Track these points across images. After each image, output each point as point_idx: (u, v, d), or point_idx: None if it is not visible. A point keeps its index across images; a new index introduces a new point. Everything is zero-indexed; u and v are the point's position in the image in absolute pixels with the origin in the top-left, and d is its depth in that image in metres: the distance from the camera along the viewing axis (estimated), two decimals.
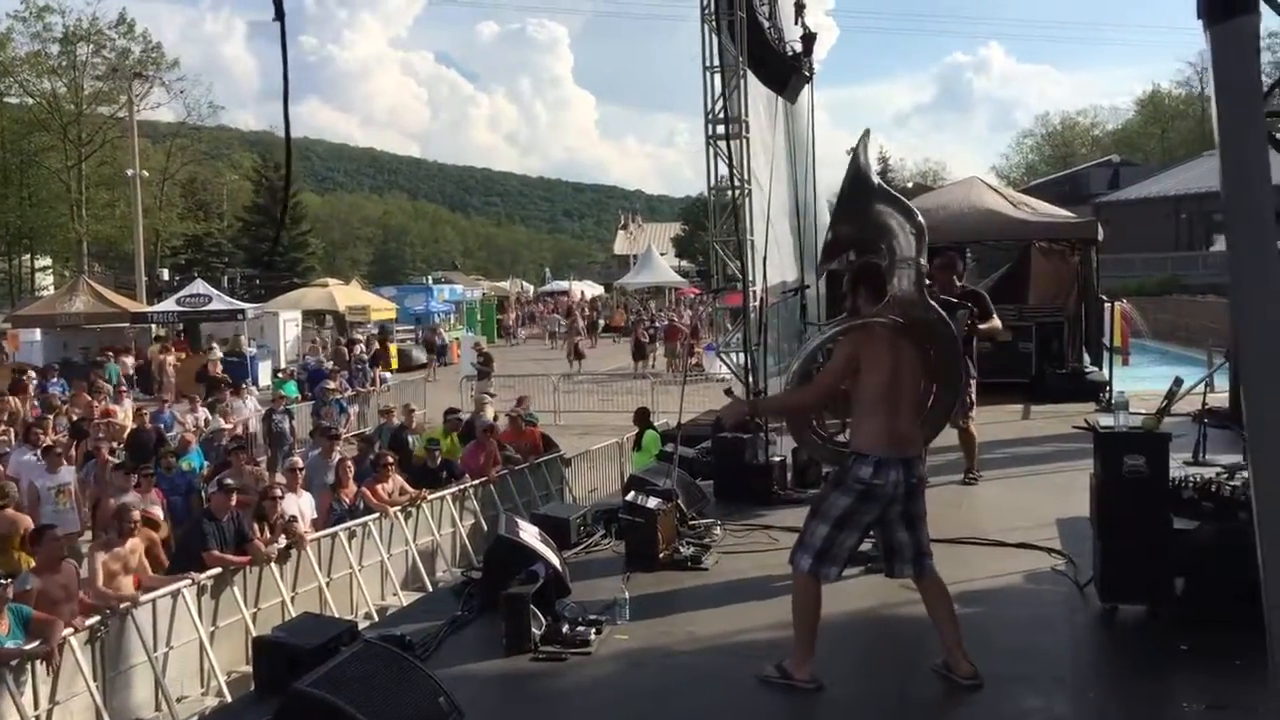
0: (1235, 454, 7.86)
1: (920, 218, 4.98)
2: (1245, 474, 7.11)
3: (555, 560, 6.09)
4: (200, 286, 31.90)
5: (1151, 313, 35.24)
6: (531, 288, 69.28)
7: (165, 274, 49.30)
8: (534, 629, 5.41)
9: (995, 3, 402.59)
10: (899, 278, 4.85)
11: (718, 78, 12.29)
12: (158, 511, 10.15)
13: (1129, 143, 75.52)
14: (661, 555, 6.75)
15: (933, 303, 5.01)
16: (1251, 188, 2.15)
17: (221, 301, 30.94)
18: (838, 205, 5.23)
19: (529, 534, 6.26)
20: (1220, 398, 10.57)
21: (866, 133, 5.32)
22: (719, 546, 7.17)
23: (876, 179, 5.19)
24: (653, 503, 6.93)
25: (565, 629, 5.49)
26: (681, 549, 6.93)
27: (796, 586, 4.81)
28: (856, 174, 5.05)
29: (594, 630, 5.50)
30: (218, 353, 24.95)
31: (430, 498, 11.41)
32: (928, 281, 5.09)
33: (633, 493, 7.27)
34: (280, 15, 2.88)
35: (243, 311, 30.27)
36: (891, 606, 5.68)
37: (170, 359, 25.40)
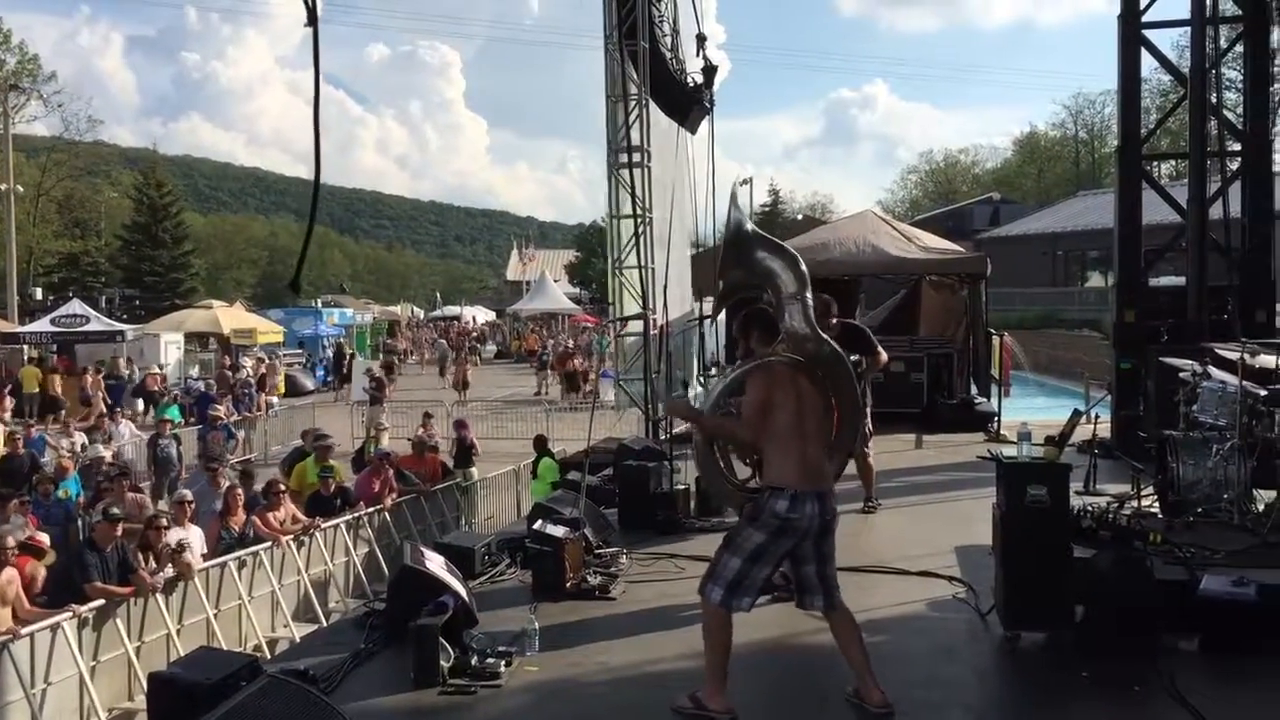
0: (1123, 483, 8.18)
1: (801, 261, 5.07)
2: (1134, 504, 7.39)
3: (462, 590, 5.98)
4: (77, 306, 30.84)
5: (1030, 346, 36.42)
6: (422, 312, 68.52)
7: (39, 293, 47.37)
8: (442, 661, 5.29)
9: (879, 41, 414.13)
10: (789, 314, 4.94)
11: (620, 107, 12.40)
12: (44, 538, 9.66)
13: (1007, 181, 78.19)
14: (569, 585, 6.68)
15: (824, 336, 5.09)
16: None
17: (99, 322, 29.92)
18: (723, 252, 5.32)
19: (435, 563, 6.13)
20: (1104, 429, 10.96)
21: (736, 184, 5.52)
22: (626, 575, 7.12)
23: (752, 227, 5.33)
24: (559, 531, 6.86)
25: (474, 661, 5.37)
26: (589, 578, 6.87)
27: (707, 618, 4.79)
28: (738, 224, 5.19)
29: (504, 662, 5.39)
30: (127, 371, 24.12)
31: (324, 526, 11.13)
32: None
33: (539, 521, 7.19)
34: (313, 20, 2.77)
35: (122, 333, 29.30)
36: (802, 635, 5.70)
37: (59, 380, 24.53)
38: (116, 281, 56.67)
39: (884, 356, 8.52)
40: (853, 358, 7.55)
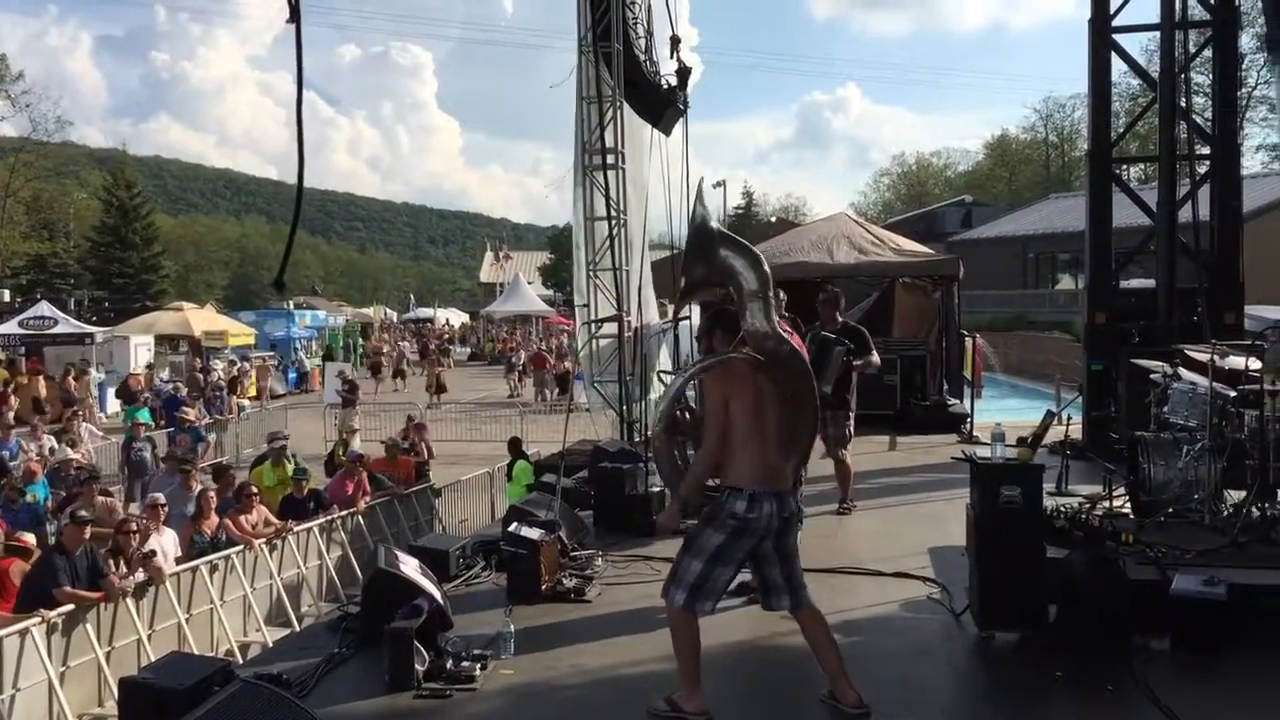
0: (1095, 484, 8.24)
1: (764, 261, 5.06)
2: (1106, 504, 7.44)
3: (437, 593, 5.95)
4: (45, 308, 30.52)
5: (1001, 348, 36.66)
6: (395, 314, 68.24)
7: (6, 295, 46.84)
8: (417, 665, 5.26)
9: (851, 45, 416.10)
10: (750, 313, 4.90)
11: (594, 108, 12.36)
12: (30, 538, 9.54)
13: (979, 184, 78.66)
14: (544, 587, 6.67)
15: (784, 335, 5.06)
16: None
17: (68, 324, 29.61)
18: (687, 250, 5.31)
19: (409, 566, 6.10)
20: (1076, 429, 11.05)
21: (701, 182, 5.54)
22: (601, 578, 7.12)
23: (716, 225, 5.31)
24: (535, 534, 6.84)
25: (449, 664, 5.35)
26: (564, 581, 6.86)
27: (674, 621, 4.78)
28: (701, 221, 5.18)
29: (479, 665, 5.37)
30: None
31: (296, 529, 11.06)
32: (787, 313, 5.19)
33: (514, 523, 7.17)
34: (296, 16, 2.74)
35: (91, 335, 29.01)
36: (776, 636, 5.71)
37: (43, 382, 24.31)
38: (85, 283, 56.16)
39: (876, 359, 8.66)
40: (838, 349, 7.70)
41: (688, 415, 5.23)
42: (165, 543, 9.79)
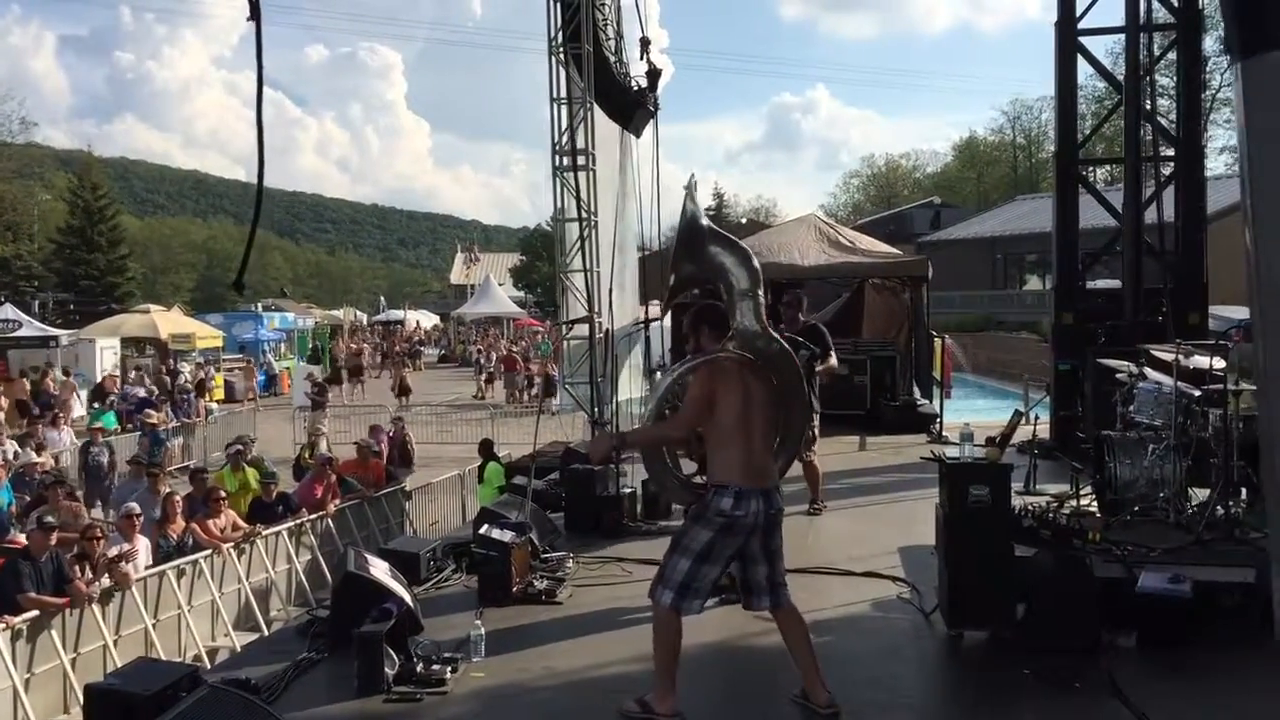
0: (1063, 483, 8.31)
1: (755, 258, 5.08)
2: (1073, 503, 7.50)
3: (407, 596, 5.91)
4: (9, 311, 30.12)
5: (970, 348, 36.93)
6: (365, 316, 67.86)
7: None
8: (387, 668, 5.23)
9: (821, 46, 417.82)
10: (740, 312, 4.93)
11: (564, 110, 12.35)
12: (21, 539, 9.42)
13: (948, 186, 79.09)
14: (515, 590, 6.65)
15: (774, 334, 5.10)
16: None
17: (32, 327, 29.26)
18: (676, 247, 5.30)
19: (379, 569, 6.06)
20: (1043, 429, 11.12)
21: (692, 178, 5.50)
22: (572, 580, 7.10)
23: (707, 222, 5.31)
24: (506, 536, 6.82)
25: (419, 668, 5.32)
26: (535, 583, 6.84)
27: (658, 621, 4.78)
28: (691, 216, 5.16)
29: (449, 669, 5.34)
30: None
31: (265, 533, 10.98)
32: (769, 317, 5.20)
33: (485, 526, 7.14)
34: (256, 14, 2.70)
35: (55, 338, 28.68)
36: (748, 637, 5.72)
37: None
38: (50, 286, 55.40)
39: (834, 360, 8.69)
40: (802, 352, 7.72)
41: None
42: (139, 551, 9.69)
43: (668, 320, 12.89)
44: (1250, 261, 2.31)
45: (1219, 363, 7.31)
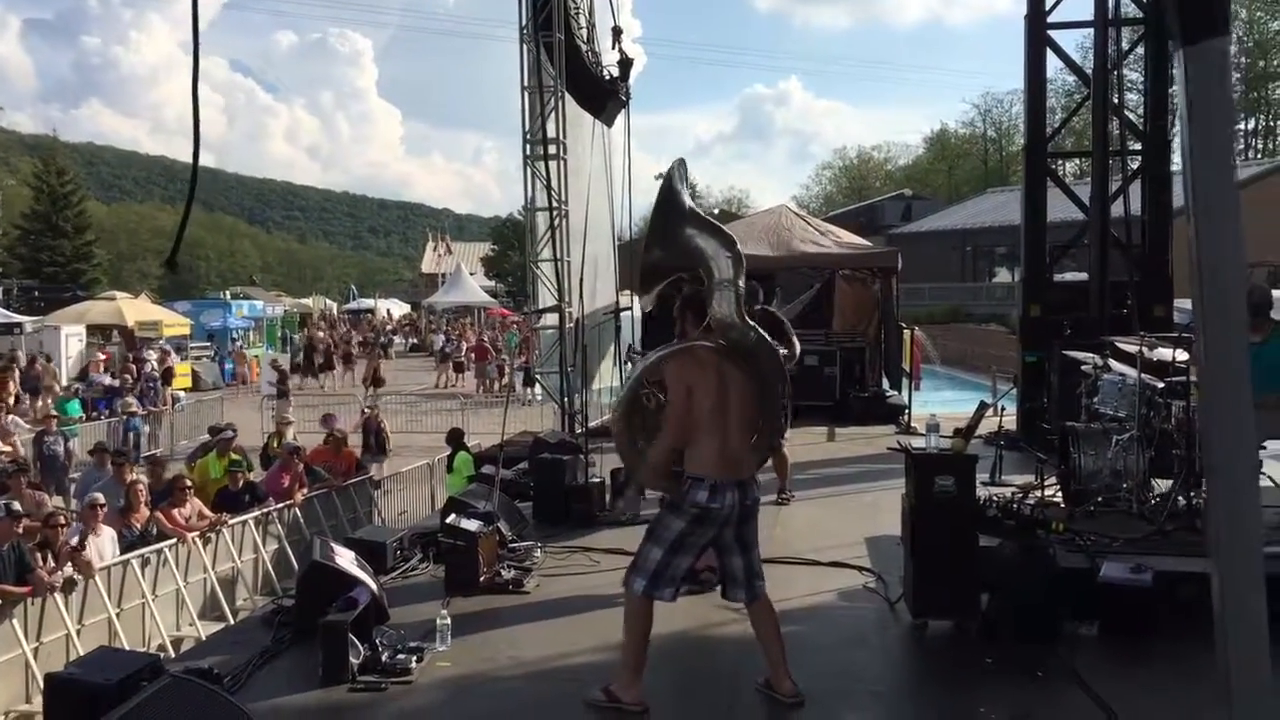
0: (1028, 474, 8.37)
1: (737, 245, 4.96)
2: (1038, 493, 7.56)
3: (373, 585, 5.89)
4: None
5: (939, 340, 37.09)
6: (335, 305, 67.45)
7: None
8: (351, 658, 5.20)
9: (793, 38, 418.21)
10: (718, 300, 4.81)
11: (536, 98, 12.30)
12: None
13: (919, 178, 79.40)
14: (482, 579, 6.63)
15: (750, 324, 5.03)
16: (1223, 202, 2.29)
17: None
18: (649, 231, 5.17)
19: (345, 558, 6.04)
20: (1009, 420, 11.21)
21: (681, 161, 5.25)
22: (540, 569, 7.09)
23: (689, 203, 5.05)
24: (473, 525, 6.80)
25: (384, 657, 5.30)
26: (503, 572, 6.82)
27: (629, 608, 4.78)
28: (667, 198, 4.93)
29: (414, 658, 5.32)
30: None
31: (231, 522, 10.89)
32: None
33: (452, 515, 7.12)
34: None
35: (20, 325, 28.33)
36: (714, 626, 5.75)
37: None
38: (14, 272, 54.63)
39: (798, 348, 8.65)
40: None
41: (651, 402, 5.18)
42: (103, 544, 9.57)
43: (638, 309, 12.88)
44: (1192, 248, 2.35)
45: (1182, 355, 7.38)
